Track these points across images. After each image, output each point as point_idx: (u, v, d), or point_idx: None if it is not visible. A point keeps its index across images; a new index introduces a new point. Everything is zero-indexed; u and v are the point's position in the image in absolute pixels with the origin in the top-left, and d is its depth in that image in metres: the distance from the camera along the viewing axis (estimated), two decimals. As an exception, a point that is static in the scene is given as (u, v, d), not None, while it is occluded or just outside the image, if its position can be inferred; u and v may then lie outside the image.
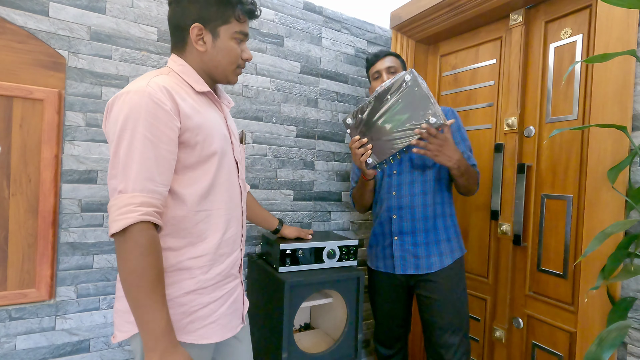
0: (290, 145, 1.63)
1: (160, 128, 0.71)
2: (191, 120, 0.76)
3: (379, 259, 1.37)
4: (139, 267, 0.66)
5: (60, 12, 1.18)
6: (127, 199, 0.67)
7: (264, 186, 1.57)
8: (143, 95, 0.70)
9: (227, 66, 0.85)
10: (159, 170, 0.70)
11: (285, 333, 1.20)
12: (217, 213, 0.81)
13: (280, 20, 1.59)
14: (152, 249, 0.68)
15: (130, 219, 0.66)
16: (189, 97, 0.78)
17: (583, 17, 1.27)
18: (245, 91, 1.53)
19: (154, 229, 0.70)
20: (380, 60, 1.36)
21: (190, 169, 0.77)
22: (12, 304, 1.13)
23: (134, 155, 0.68)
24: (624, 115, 1.01)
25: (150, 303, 0.66)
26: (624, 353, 1.00)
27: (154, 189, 0.70)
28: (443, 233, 1.30)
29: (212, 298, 0.80)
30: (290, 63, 1.62)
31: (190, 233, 0.78)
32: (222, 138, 0.82)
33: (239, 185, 0.90)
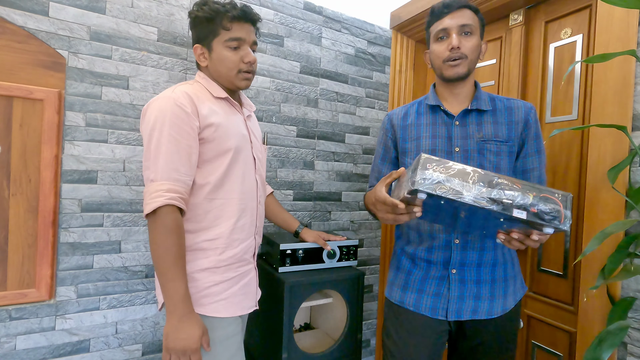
0: (290, 145, 1.63)
1: (183, 127, 0.85)
2: (208, 119, 0.89)
3: (415, 294, 0.97)
4: (165, 243, 0.80)
5: (60, 12, 1.18)
6: (157, 185, 0.81)
7: (264, 186, 1.58)
8: (169, 101, 0.85)
9: (228, 73, 0.95)
10: (182, 162, 0.84)
11: (285, 333, 1.20)
12: (231, 202, 0.92)
13: (280, 20, 1.59)
14: (176, 228, 0.81)
15: (158, 202, 0.80)
16: (209, 101, 0.92)
17: (583, 17, 1.27)
18: (246, 91, 1.52)
19: (178, 212, 0.83)
20: (450, 14, 0.93)
21: (208, 162, 0.90)
22: (12, 304, 1.13)
23: (161, 150, 0.83)
24: (624, 115, 1.01)
25: (172, 274, 0.80)
26: (624, 353, 1.00)
27: (179, 178, 0.83)
28: (511, 268, 0.98)
29: (224, 277, 0.91)
30: (290, 63, 1.62)
31: (206, 218, 0.90)
32: (239, 136, 0.94)
33: (256, 180, 1.00)
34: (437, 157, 0.69)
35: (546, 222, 0.64)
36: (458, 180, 0.67)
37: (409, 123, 1.05)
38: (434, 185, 0.66)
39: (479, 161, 0.93)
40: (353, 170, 1.81)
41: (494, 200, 0.65)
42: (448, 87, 1.00)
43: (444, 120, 0.99)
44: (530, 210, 0.65)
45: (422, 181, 0.66)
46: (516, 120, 0.96)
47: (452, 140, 0.96)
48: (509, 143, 0.94)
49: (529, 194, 0.65)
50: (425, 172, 0.67)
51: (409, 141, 1.03)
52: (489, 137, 0.94)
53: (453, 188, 0.66)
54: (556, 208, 0.65)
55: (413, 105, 1.08)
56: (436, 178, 0.67)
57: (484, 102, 0.98)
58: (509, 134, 0.95)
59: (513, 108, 0.98)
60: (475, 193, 0.66)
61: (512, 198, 0.65)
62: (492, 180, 0.67)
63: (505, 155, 0.94)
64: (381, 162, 1.12)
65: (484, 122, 0.96)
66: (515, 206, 0.65)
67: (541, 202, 0.65)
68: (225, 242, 0.91)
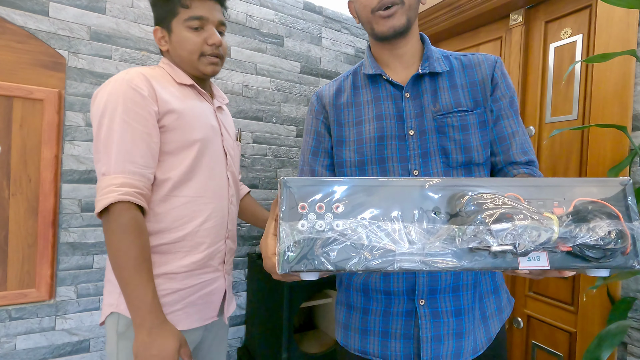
0: (290, 145, 1.63)
1: (139, 112, 0.73)
2: (169, 105, 0.77)
3: (379, 338, 0.70)
4: (122, 246, 0.69)
5: (60, 12, 1.18)
6: (109, 180, 0.70)
7: (264, 186, 1.57)
8: (122, 83, 0.74)
9: (189, 57, 0.83)
10: (139, 152, 0.72)
11: (285, 333, 1.20)
12: (196, 201, 0.81)
13: (281, 20, 1.59)
14: (134, 228, 0.70)
15: (110, 198, 0.69)
16: (171, 86, 0.81)
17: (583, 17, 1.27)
18: (245, 91, 1.53)
19: (136, 209, 0.71)
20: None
21: (170, 154, 0.78)
22: (12, 304, 1.13)
23: (113, 139, 0.71)
24: (624, 115, 1.01)
25: (135, 280, 0.69)
26: (624, 353, 1.00)
27: (135, 170, 0.72)
28: (489, 282, 0.73)
29: (183, 285, 0.80)
30: (290, 63, 1.62)
31: (166, 218, 0.78)
32: (207, 127, 0.83)
33: (227, 177, 0.89)
34: (325, 178, 0.34)
35: (595, 261, 0.33)
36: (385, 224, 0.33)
37: (343, 102, 0.77)
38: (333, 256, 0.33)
39: (441, 143, 0.68)
40: (353, 170, 1.81)
41: (473, 253, 0.33)
42: (386, 47, 0.73)
43: (390, 92, 0.72)
44: (558, 248, 0.33)
45: (297, 250, 0.33)
46: (480, 78, 0.71)
47: (405, 121, 0.70)
48: (477, 111, 0.70)
49: (548, 214, 0.33)
50: (297, 224, 0.33)
51: (345, 127, 0.75)
52: (448, 109, 0.69)
53: (376, 246, 0.33)
54: (613, 228, 0.32)
55: (347, 78, 0.80)
56: (331, 235, 0.33)
57: (438, 61, 0.72)
58: (475, 97, 0.70)
59: (473, 65, 0.73)
60: (419, 247, 0.33)
61: (509, 237, 0.32)
62: (463, 207, 0.34)
63: (475, 127, 0.68)
64: (313, 158, 0.79)
65: (441, 89, 0.71)
66: (522, 253, 0.32)
67: (578, 223, 0.33)
68: (188, 245, 0.80)
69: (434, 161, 0.68)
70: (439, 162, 0.68)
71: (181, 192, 0.80)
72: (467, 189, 0.35)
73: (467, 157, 0.67)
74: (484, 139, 0.70)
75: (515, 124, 0.72)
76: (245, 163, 1.53)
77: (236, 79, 1.51)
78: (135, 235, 0.70)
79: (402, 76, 0.74)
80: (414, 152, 0.69)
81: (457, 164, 0.67)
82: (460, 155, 0.67)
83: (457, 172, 0.68)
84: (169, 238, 0.78)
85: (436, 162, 0.68)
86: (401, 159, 0.69)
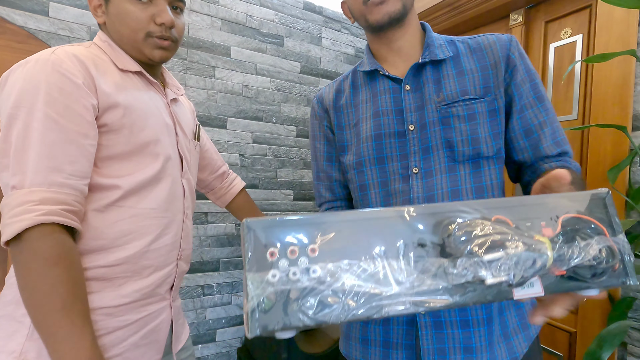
0: (290, 145, 1.63)
1: (70, 105, 0.55)
2: (113, 98, 0.61)
3: (380, 348, 0.66)
4: (43, 283, 0.51)
5: (60, 12, 1.18)
6: (23, 195, 0.52)
7: (264, 186, 1.57)
8: (45, 66, 0.55)
9: (131, 35, 0.65)
10: (69, 158, 0.55)
11: (285, 333, 1.20)
12: (146, 213, 0.64)
13: (280, 20, 1.59)
14: (62, 258, 0.52)
15: (26, 221, 0.50)
16: (112, 72, 0.64)
17: (583, 17, 1.27)
18: (245, 91, 1.53)
19: (63, 232, 0.54)
20: None
21: (113, 159, 0.62)
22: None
23: (31, 140, 0.53)
24: (624, 115, 1.01)
25: (66, 328, 0.51)
26: (624, 353, 1.00)
27: (63, 182, 0.54)
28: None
29: (121, 322, 0.61)
30: (290, 63, 1.62)
31: (106, 233, 0.60)
32: (160, 126, 0.68)
33: (182, 185, 0.73)
34: (294, 216, 0.30)
35: (588, 282, 0.32)
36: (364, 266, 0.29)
37: (343, 103, 0.73)
38: (311, 309, 0.28)
39: (445, 135, 0.61)
40: (353, 170, 1.81)
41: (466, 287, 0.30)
42: (382, 40, 0.67)
43: (388, 87, 0.66)
44: (552, 272, 0.31)
45: (269, 306, 0.28)
46: (492, 62, 0.63)
47: (405, 115, 0.64)
48: (486, 98, 0.61)
49: (539, 237, 0.31)
50: (267, 275, 0.28)
51: (346, 130, 0.71)
52: (453, 97, 0.62)
53: (360, 291, 0.29)
54: (602, 246, 0.31)
55: (347, 78, 0.75)
56: (307, 284, 0.28)
57: (440, 48, 0.66)
58: (485, 84, 0.62)
59: (483, 46, 0.65)
60: (407, 287, 0.29)
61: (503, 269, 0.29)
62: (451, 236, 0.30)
63: (483, 117, 0.61)
64: (328, 164, 0.75)
65: (445, 77, 0.64)
66: (517, 284, 0.30)
67: (569, 245, 0.31)
68: (130, 269, 0.62)
69: (437, 156, 0.61)
70: (442, 156, 0.61)
71: (126, 203, 0.62)
72: (452, 215, 0.31)
73: (475, 149, 0.60)
74: (494, 129, 0.61)
75: (542, 113, 0.62)
76: (245, 163, 1.54)
77: (236, 79, 1.51)
78: (63, 267, 0.52)
79: (401, 69, 0.68)
80: (414, 148, 0.62)
81: (463, 157, 0.60)
82: (467, 147, 0.60)
83: (463, 167, 0.61)
84: (108, 259, 0.60)
85: (439, 157, 0.61)
86: (401, 157, 0.63)
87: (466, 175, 0.61)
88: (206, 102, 1.44)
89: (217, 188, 1.01)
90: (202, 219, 1.45)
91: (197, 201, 1.42)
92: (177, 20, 0.68)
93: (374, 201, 0.66)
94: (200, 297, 1.45)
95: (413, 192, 0.61)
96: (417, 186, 0.61)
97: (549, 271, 0.31)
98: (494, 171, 0.61)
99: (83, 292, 0.55)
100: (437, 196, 0.60)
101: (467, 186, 0.60)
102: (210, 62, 1.45)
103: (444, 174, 0.60)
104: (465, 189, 0.60)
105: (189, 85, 1.41)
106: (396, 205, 0.58)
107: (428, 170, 0.61)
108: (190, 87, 1.41)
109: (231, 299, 1.52)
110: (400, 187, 0.62)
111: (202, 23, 1.43)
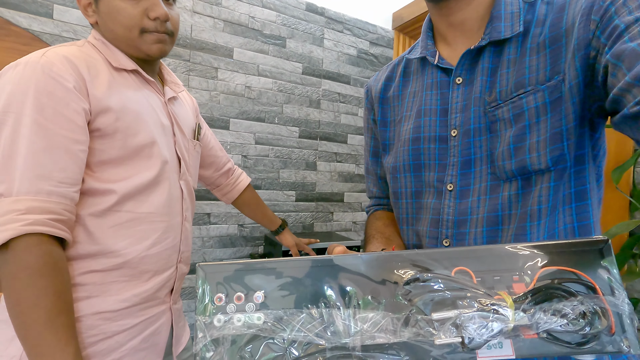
0: (292, 146, 1.64)
1: (59, 110, 0.54)
2: (105, 101, 0.59)
3: None
4: (28, 294, 0.50)
5: (64, 15, 1.19)
6: (9, 204, 0.51)
7: (266, 187, 1.58)
8: (34, 69, 0.54)
9: (125, 33, 0.63)
10: (58, 165, 0.54)
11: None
12: (143, 218, 0.64)
13: (283, 21, 1.60)
14: (48, 269, 0.51)
15: (10, 231, 0.49)
16: (105, 73, 0.62)
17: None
18: (248, 92, 1.53)
19: (51, 242, 0.53)
20: None
21: (108, 164, 0.60)
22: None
23: (19, 147, 0.52)
24: (627, 116, 1.01)
25: (48, 341, 0.50)
26: (629, 354, 1.00)
27: (52, 190, 0.53)
28: None
29: (121, 326, 0.61)
30: (292, 64, 1.63)
31: (103, 238, 0.60)
32: (155, 128, 0.66)
33: (180, 188, 0.72)
34: (245, 261, 0.30)
35: (574, 347, 0.27)
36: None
37: (391, 95, 0.63)
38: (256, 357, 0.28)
39: (491, 147, 0.47)
40: (355, 171, 1.81)
41: (417, 347, 0.28)
42: (442, 10, 0.51)
43: (436, 79, 0.54)
44: (521, 335, 0.27)
45: (214, 350, 0.28)
46: (568, 25, 0.42)
47: (449, 116, 0.51)
48: (549, 84, 0.43)
49: (503, 293, 0.28)
50: (214, 320, 0.29)
51: (390, 126, 0.62)
52: (507, 95, 0.46)
53: (304, 341, 0.28)
54: (588, 306, 0.26)
55: (400, 63, 0.63)
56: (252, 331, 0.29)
57: (509, 19, 0.47)
58: (554, 63, 0.42)
59: (567, 4, 0.43)
60: (356, 340, 0.28)
61: (453, 330, 0.27)
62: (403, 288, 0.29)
63: (536, 113, 0.43)
64: (374, 160, 0.69)
65: (503, 66, 0.47)
66: (475, 347, 0.27)
67: (541, 304, 0.27)
68: (128, 274, 0.62)
69: (479, 172, 0.48)
70: (485, 173, 0.47)
71: (123, 207, 0.62)
72: (409, 264, 0.29)
73: (519, 162, 0.44)
74: (554, 127, 0.42)
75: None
76: (248, 164, 1.54)
77: (239, 80, 1.51)
78: (50, 278, 0.51)
79: (459, 53, 0.52)
80: (454, 159, 0.50)
81: (506, 175, 0.45)
82: (509, 160, 0.44)
83: (509, 187, 0.45)
84: (106, 264, 0.60)
85: (481, 174, 0.47)
86: (439, 167, 0.52)
87: (511, 197, 0.45)
88: (209, 104, 1.45)
89: (222, 185, 1.00)
90: (205, 219, 1.45)
91: (199, 202, 1.43)
92: (171, 12, 0.66)
93: (406, 212, 0.57)
94: (203, 297, 1.45)
95: (443, 213, 0.51)
96: (448, 207, 0.50)
97: (517, 334, 0.27)
98: (545, 190, 0.43)
99: (69, 304, 0.54)
100: (470, 222, 0.48)
101: (510, 212, 0.45)
102: (212, 63, 1.45)
103: (483, 195, 0.47)
104: (506, 216, 0.45)
105: (191, 86, 1.42)
106: (425, 221, 0.53)
107: (465, 189, 0.49)
108: (193, 89, 1.42)
109: (234, 299, 1.52)
110: (432, 203, 0.52)
111: (204, 25, 1.43)
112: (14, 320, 0.51)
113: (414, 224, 0.56)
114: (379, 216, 0.68)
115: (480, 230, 0.47)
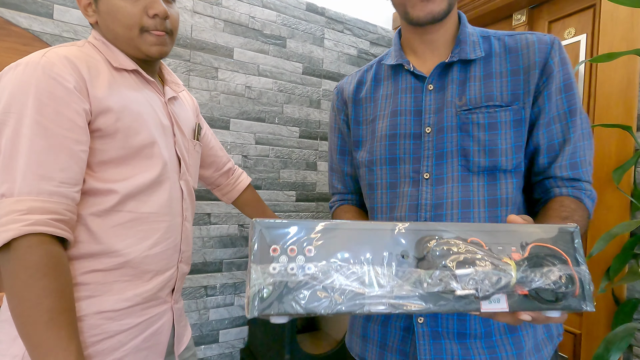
0: (292, 146, 1.63)
1: (60, 110, 0.55)
2: (105, 101, 0.59)
3: (377, 348, 0.66)
4: (30, 294, 0.50)
5: (64, 15, 1.19)
6: (10, 205, 0.51)
7: (266, 187, 1.58)
8: (35, 70, 0.54)
9: (125, 33, 0.63)
10: (59, 165, 0.54)
11: (287, 334, 1.20)
12: (145, 218, 0.64)
13: (283, 21, 1.59)
14: (49, 268, 0.52)
15: (12, 231, 0.50)
16: (106, 73, 0.62)
17: (587, 16, 1.27)
18: (248, 92, 1.53)
19: (52, 242, 0.53)
20: None
21: (108, 164, 0.61)
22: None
23: (20, 147, 0.52)
24: (628, 115, 1.00)
25: (50, 341, 0.50)
26: (630, 355, 0.99)
27: (53, 190, 0.53)
28: None
29: (122, 326, 0.62)
30: (292, 64, 1.62)
31: (104, 238, 0.60)
32: (155, 128, 0.66)
33: (180, 188, 0.72)
34: (298, 220, 0.35)
35: (549, 303, 0.36)
36: (354, 269, 0.34)
37: (362, 96, 0.70)
38: (304, 300, 0.33)
39: (462, 143, 0.58)
40: (356, 171, 1.81)
41: (439, 296, 0.35)
42: (417, 32, 0.63)
43: (410, 85, 0.63)
44: (516, 292, 0.36)
45: (268, 293, 0.33)
46: (526, 65, 0.58)
47: (423, 116, 0.61)
48: (513, 106, 0.57)
49: (507, 259, 0.36)
50: (269, 267, 0.33)
51: (362, 125, 0.69)
52: (476, 103, 0.58)
53: (346, 289, 0.34)
54: (563, 273, 0.36)
55: (370, 69, 0.72)
56: (302, 278, 0.33)
57: (472, 45, 0.61)
58: (514, 90, 0.57)
59: (520, 47, 0.59)
60: (388, 291, 0.34)
61: (472, 283, 0.34)
62: (429, 251, 0.35)
63: (506, 127, 0.57)
64: (340, 158, 0.75)
65: (472, 79, 0.60)
66: (483, 297, 0.35)
67: (533, 269, 0.35)
68: (129, 274, 0.62)
69: (451, 163, 0.58)
70: (456, 164, 0.58)
71: (125, 207, 0.62)
72: (434, 233, 0.36)
73: (492, 161, 0.56)
74: (517, 141, 0.57)
75: (570, 129, 0.56)
76: (248, 164, 1.54)
77: (239, 80, 1.51)
78: (51, 278, 0.52)
79: (429, 65, 0.63)
80: (428, 152, 0.59)
81: (478, 168, 0.57)
82: (484, 158, 0.56)
83: (477, 178, 0.57)
84: (107, 264, 0.60)
85: (453, 165, 0.58)
86: (414, 160, 0.60)
87: (479, 187, 0.57)
88: (209, 104, 1.45)
89: (223, 185, 1.00)
90: (205, 219, 1.45)
91: (200, 202, 1.43)
92: (171, 10, 0.66)
93: (380, 201, 0.65)
94: (203, 298, 1.45)
95: (421, 198, 0.59)
96: (426, 192, 0.59)
97: (513, 290, 0.35)
98: (510, 185, 0.57)
99: (71, 303, 0.54)
100: (445, 205, 0.57)
101: (479, 198, 0.57)
102: (213, 63, 1.45)
103: (455, 183, 0.57)
104: (477, 201, 0.57)
105: (192, 86, 1.42)
106: (401, 208, 0.61)
107: (439, 177, 0.58)
108: (193, 89, 1.42)
109: (234, 299, 1.52)
110: (409, 191, 0.60)
111: (204, 25, 1.43)
112: (16, 320, 0.52)
113: (388, 212, 0.64)
114: (347, 209, 0.76)
115: (456, 212, 0.57)
